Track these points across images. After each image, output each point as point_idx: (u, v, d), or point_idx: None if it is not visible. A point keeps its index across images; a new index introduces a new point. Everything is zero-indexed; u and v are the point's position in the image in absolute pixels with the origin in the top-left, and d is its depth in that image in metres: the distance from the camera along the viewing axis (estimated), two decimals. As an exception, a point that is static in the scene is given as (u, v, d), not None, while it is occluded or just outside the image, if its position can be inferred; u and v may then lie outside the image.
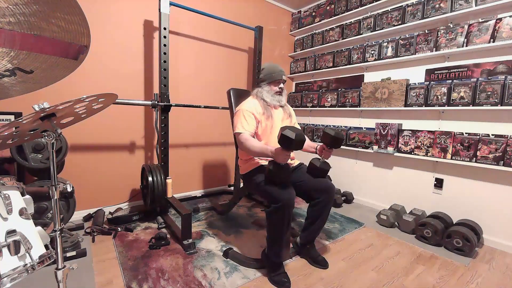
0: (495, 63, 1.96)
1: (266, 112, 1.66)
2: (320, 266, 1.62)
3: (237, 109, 1.67)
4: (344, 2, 2.98)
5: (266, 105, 1.68)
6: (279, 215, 1.38)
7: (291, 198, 1.39)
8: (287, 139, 1.26)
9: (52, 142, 0.86)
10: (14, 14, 0.68)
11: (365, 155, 2.83)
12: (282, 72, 1.70)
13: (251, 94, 1.78)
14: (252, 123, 1.60)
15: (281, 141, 1.30)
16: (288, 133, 1.26)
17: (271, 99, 1.69)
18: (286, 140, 1.27)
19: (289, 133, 1.26)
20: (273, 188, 1.41)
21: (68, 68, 0.90)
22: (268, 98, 1.68)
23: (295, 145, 1.28)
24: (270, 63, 1.75)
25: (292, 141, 1.26)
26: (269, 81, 1.70)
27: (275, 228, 1.43)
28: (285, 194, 1.38)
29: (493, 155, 1.88)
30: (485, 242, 2.00)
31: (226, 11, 2.90)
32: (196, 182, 2.97)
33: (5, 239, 0.76)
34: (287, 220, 1.40)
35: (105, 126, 2.27)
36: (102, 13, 2.17)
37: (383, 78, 2.60)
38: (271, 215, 1.42)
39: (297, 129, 1.29)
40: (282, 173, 1.38)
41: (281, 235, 1.42)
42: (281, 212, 1.37)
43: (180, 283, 1.39)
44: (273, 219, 1.42)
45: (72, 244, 1.63)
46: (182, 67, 2.68)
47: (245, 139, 1.53)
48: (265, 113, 1.65)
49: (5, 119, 1.85)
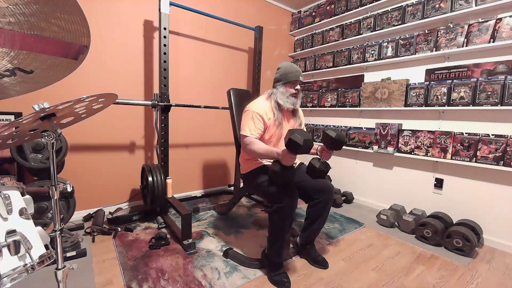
0: (495, 63, 1.96)
1: (278, 119, 1.58)
2: (320, 266, 1.62)
3: (247, 109, 1.59)
4: (344, 2, 2.97)
5: (279, 109, 1.60)
6: (281, 215, 1.39)
7: (294, 198, 1.39)
8: (295, 144, 1.24)
9: (52, 142, 0.86)
10: (14, 14, 0.68)
11: (365, 155, 2.83)
12: (299, 72, 1.59)
13: (266, 93, 1.68)
14: (260, 127, 1.54)
15: (288, 145, 1.28)
16: (296, 138, 1.24)
17: (285, 101, 1.58)
18: (294, 144, 1.25)
19: (298, 138, 1.24)
20: (276, 188, 1.41)
21: (68, 68, 0.90)
22: (282, 100, 1.58)
23: (302, 150, 1.26)
24: (287, 63, 1.64)
25: (299, 146, 1.24)
26: (284, 82, 1.59)
27: (276, 228, 1.43)
28: (288, 195, 1.38)
29: (493, 155, 1.88)
30: (485, 242, 2.00)
31: (226, 11, 2.90)
32: (196, 182, 2.97)
33: (5, 239, 0.76)
34: (289, 220, 1.40)
35: (105, 126, 2.27)
36: (102, 13, 2.17)
37: (383, 78, 2.60)
38: (273, 215, 1.42)
39: (305, 134, 1.27)
40: (286, 174, 1.37)
41: (282, 235, 1.43)
42: (283, 212, 1.37)
43: (180, 283, 1.39)
44: (274, 219, 1.42)
45: (72, 244, 1.63)
46: (182, 67, 2.68)
47: (250, 142, 1.50)
48: (276, 120, 1.58)
49: (5, 119, 1.85)
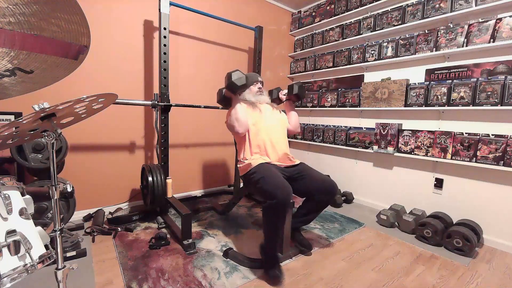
0: (495, 63, 1.96)
1: (253, 106, 1.81)
2: (306, 248, 1.73)
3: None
4: (344, 2, 2.98)
5: (250, 102, 1.84)
6: (274, 212, 1.41)
7: (287, 194, 1.39)
8: (229, 77, 1.56)
9: (52, 142, 0.86)
10: (14, 14, 0.68)
11: (365, 155, 2.83)
12: (257, 75, 1.94)
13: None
14: (241, 110, 1.70)
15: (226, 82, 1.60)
16: (232, 75, 1.55)
17: (255, 98, 1.86)
18: (226, 80, 1.58)
19: (234, 75, 1.55)
20: (269, 185, 1.43)
21: (68, 68, 0.90)
22: (251, 98, 1.85)
23: (234, 86, 1.56)
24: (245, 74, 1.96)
25: (229, 78, 1.55)
26: (247, 86, 1.88)
27: (269, 224, 1.47)
28: (281, 191, 1.39)
29: (493, 155, 1.88)
30: (485, 242, 2.00)
31: (226, 11, 2.90)
32: (196, 182, 2.97)
33: (5, 239, 0.76)
34: (282, 217, 1.44)
35: (105, 126, 2.27)
36: (102, 13, 2.17)
37: (383, 78, 2.60)
38: (266, 211, 1.45)
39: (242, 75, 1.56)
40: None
41: (276, 230, 1.47)
42: (277, 209, 1.39)
43: (180, 283, 1.39)
44: (268, 215, 1.45)
45: (72, 244, 1.63)
46: (182, 67, 2.68)
47: (228, 118, 1.72)
48: (251, 107, 1.80)
49: (5, 119, 1.85)
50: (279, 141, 1.78)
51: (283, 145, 1.79)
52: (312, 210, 1.74)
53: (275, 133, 1.78)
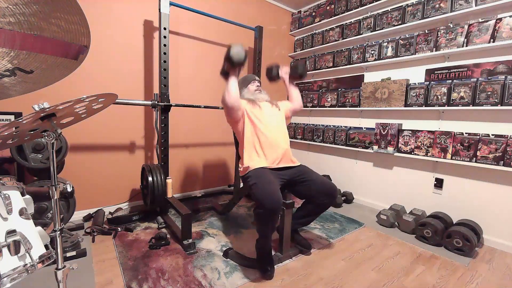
0: (495, 63, 1.96)
1: (252, 103, 1.80)
2: (305, 248, 1.75)
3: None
4: (344, 2, 2.97)
5: (250, 100, 1.84)
6: (263, 218, 1.44)
7: (276, 203, 1.37)
8: (228, 51, 1.53)
9: (52, 142, 0.86)
10: (14, 14, 0.68)
11: (365, 155, 2.83)
12: (254, 75, 1.99)
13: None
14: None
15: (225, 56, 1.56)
16: (231, 48, 1.52)
17: (253, 96, 1.87)
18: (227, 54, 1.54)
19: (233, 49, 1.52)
20: (259, 193, 1.42)
21: (68, 68, 0.90)
22: (250, 96, 1.86)
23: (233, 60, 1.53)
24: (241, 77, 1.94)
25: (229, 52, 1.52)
26: (245, 86, 1.92)
27: (259, 227, 1.53)
28: (270, 201, 1.37)
29: (493, 155, 1.88)
30: (485, 242, 2.00)
31: (226, 11, 2.90)
32: (196, 182, 2.97)
33: (5, 239, 0.76)
34: (271, 223, 1.47)
35: (105, 126, 2.27)
36: (102, 13, 2.17)
37: (383, 78, 2.60)
38: (257, 216, 1.48)
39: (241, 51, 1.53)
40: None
41: (266, 233, 1.51)
42: (264, 217, 1.43)
43: (180, 283, 1.39)
44: (259, 220, 1.49)
45: (72, 244, 1.63)
46: (182, 67, 2.68)
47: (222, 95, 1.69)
48: (251, 104, 1.79)
49: (5, 119, 1.85)
50: (279, 138, 1.76)
51: (283, 142, 1.77)
52: (312, 213, 1.74)
53: (275, 131, 1.77)
